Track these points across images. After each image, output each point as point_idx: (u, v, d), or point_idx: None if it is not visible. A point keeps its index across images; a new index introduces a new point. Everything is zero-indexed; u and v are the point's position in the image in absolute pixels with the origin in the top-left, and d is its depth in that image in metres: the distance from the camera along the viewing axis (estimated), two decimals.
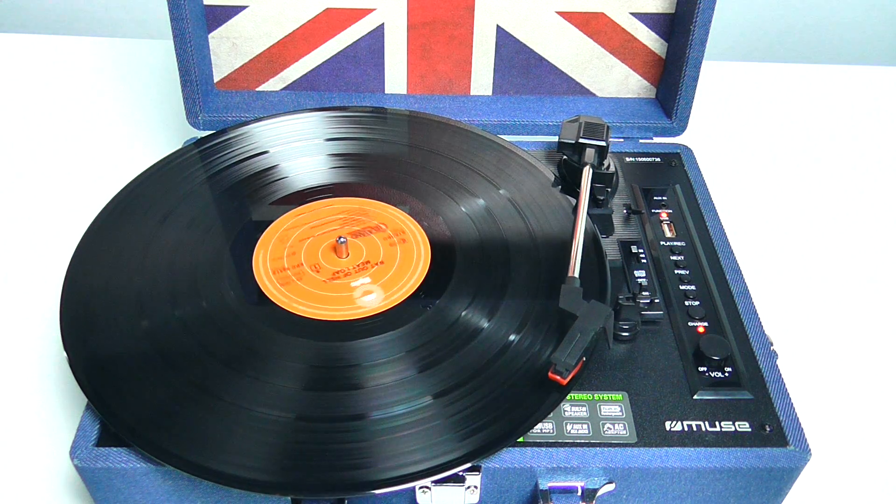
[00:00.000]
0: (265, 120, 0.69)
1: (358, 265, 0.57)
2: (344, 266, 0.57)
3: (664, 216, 0.64)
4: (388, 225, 0.60)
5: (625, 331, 0.54)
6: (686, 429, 0.50)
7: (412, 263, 0.58)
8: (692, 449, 0.49)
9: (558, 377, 0.48)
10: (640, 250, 0.61)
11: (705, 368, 0.53)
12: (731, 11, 1.29)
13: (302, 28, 0.72)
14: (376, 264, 0.57)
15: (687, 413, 0.51)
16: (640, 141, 0.73)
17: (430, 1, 0.71)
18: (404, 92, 0.76)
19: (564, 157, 0.65)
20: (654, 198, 0.66)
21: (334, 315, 0.54)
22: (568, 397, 0.51)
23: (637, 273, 0.59)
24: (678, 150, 0.71)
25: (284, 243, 0.59)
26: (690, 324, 0.56)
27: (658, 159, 0.70)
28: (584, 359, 0.49)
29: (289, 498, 0.47)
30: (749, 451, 0.49)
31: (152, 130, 0.84)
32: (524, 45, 0.74)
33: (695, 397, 0.51)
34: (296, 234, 0.60)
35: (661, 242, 0.62)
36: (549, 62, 0.75)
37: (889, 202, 0.79)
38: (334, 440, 0.47)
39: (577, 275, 0.54)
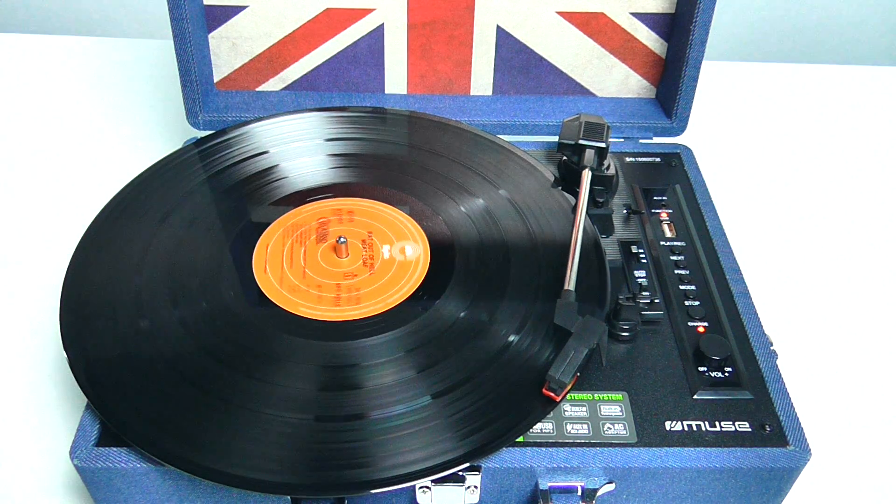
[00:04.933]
0: (265, 120, 0.69)
1: (352, 271, 0.57)
2: (342, 266, 0.57)
3: (664, 216, 0.64)
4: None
5: (625, 331, 0.54)
6: (686, 429, 0.50)
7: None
8: (692, 449, 0.49)
9: (552, 394, 0.49)
10: (640, 250, 0.61)
11: (705, 368, 0.53)
12: (731, 11, 1.29)
13: (302, 28, 0.72)
14: (379, 262, 0.57)
15: (687, 413, 0.51)
16: (640, 141, 0.73)
17: (430, 1, 0.71)
18: (404, 92, 0.76)
19: (564, 157, 0.65)
20: (654, 198, 0.66)
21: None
22: (568, 397, 0.51)
23: (637, 273, 0.59)
24: (678, 150, 0.71)
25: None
26: (690, 324, 0.56)
27: (658, 159, 0.70)
28: (578, 374, 0.49)
29: (289, 498, 0.47)
30: (749, 451, 0.49)
31: (152, 130, 0.84)
32: (524, 45, 0.74)
33: (695, 397, 0.51)
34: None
35: (661, 242, 0.62)
36: (549, 62, 0.75)
37: (889, 202, 0.79)
38: (334, 440, 0.47)
39: (572, 287, 0.54)
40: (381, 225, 0.60)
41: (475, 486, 0.48)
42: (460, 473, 0.47)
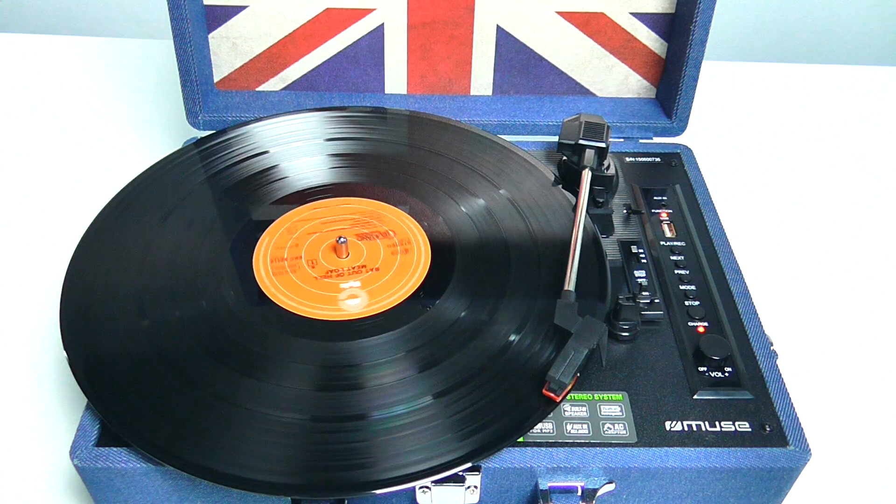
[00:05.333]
0: (265, 120, 0.69)
1: (354, 268, 0.57)
2: (339, 266, 0.57)
3: (664, 216, 0.64)
4: (397, 233, 0.60)
5: (625, 331, 0.54)
6: (686, 429, 0.50)
7: (412, 264, 0.58)
8: (692, 449, 0.49)
9: (552, 394, 0.49)
10: (640, 250, 0.61)
11: (705, 368, 0.53)
12: (731, 11, 1.29)
13: (302, 28, 0.72)
14: (372, 269, 0.57)
15: (687, 413, 0.51)
16: (640, 141, 0.73)
17: (430, 1, 0.71)
18: (404, 92, 0.76)
19: (564, 157, 0.65)
20: (654, 198, 0.66)
21: (334, 315, 0.54)
22: (568, 397, 0.51)
23: (637, 273, 0.59)
24: (678, 150, 0.71)
25: (287, 239, 0.59)
26: (690, 324, 0.56)
27: (658, 159, 0.70)
28: (578, 375, 0.49)
29: (289, 498, 0.47)
30: (749, 451, 0.49)
31: (152, 130, 0.84)
32: (524, 45, 0.74)
33: (695, 397, 0.51)
34: (302, 228, 0.60)
35: (661, 242, 0.62)
36: (549, 62, 0.75)
37: (889, 202, 0.79)
38: (334, 440, 0.47)
39: (573, 288, 0.54)
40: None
41: (475, 487, 0.48)
42: (460, 474, 0.47)
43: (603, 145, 0.63)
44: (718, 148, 0.84)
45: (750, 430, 0.50)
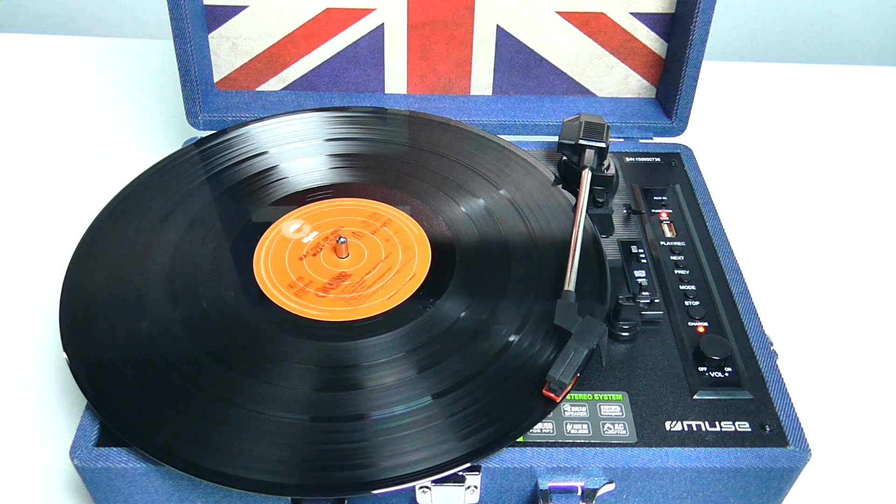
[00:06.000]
0: (265, 120, 0.69)
1: (360, 267, 0.57)
2: (345, 267, 0.57)
3: (664, 216, 0.64)
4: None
5: (625, 331, 0.54)
6: (686, 429, 0.50)
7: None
8: (692, 449, 0.49)
9: (552, 395, 0.49)
10: (640, 250, 0.61)
11: (705, 368, 0.53)
12: (731, 11, 1.29)
13: (302, 28, 0.72)
14: (379, 262, 0.57)
15: (687, 413, 0.51)
16: (640, 141, 0.73)
17: (430, 1, 0.71)
18: (404, 92, 0.76)
19: (564, 157, 0.65)
20: (654, 198, 0.66)
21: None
22: (568, 397, 0.51)
23: (637, 273, 0.59)
24: (678, 150, 0.71)
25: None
26: (690, 324, 0.56)
27: (658, 159, 0.70)
28: (578, 375, 0.49)
29: (289, 498, 0.47)
30: (749, 451, 0.49)
31: (152, 130, 0.84)
32: (524, 45, 0.74)
33: (695, 397, 0.51)
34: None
35: (661, 242, 0.62)
36: (549, 62, 0.75)
37: (889, 202, 0.79)
38: (334, 440, 0.47)
39: (572, 288, 0.54)
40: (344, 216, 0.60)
41: (475, 487, 0.48)
42: (460, 474, 0.47)
43: (603, 145, 0.63)
44: (718, 148, 0.84)
45: (750, 430, 0.50)
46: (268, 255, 0.58)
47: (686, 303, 0.57)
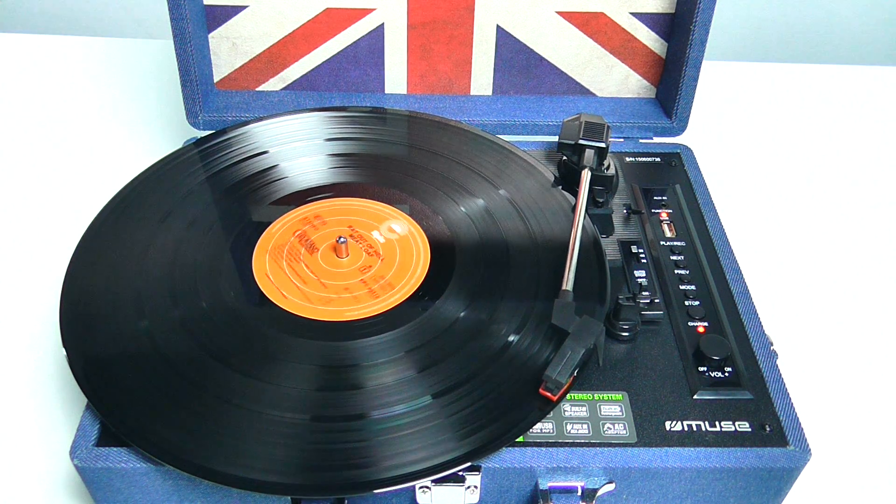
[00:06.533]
0: (265, 120, 0.69)
1: (359, 268, 0.57)
2: (344, 266, 0.57)
3: (664, 216, 0.64)
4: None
5: (625, 331, 0.54)
6: (686, 429, 0.50)
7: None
8: (692, 449, 0.49)
9: (548, 394, 0.48)
10: (640, 250, 0.61)
11: (705, 368, 0.53)
12: (731, 11, 1.29)
13: (302, 28, 0.72)
14: (378, 262, 0.57)
15: (687, 413, 0.51)
16: (640, 141, 0.73)
17: (430, 1, 0.71)
18: (404, 92, 0.76)
19: (564, 157, 0.65)
20: (654, 198, 0.66)
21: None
22: (568, 397, 0.51)
23: (637, 273, 0.59)
24: (678, 150, 0.71)
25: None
26: (690, 324, 0.56)
27: (658, 159, 0.70)
28: (575, 375, 0.49)
29: (289, 498, 0.47)
30: (749, 451, 0.49)
31: (152, 130, 0.84)
32: (524, 45, 0.74)
33: (695, 397, 0.51)
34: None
35: (661, 242, 0.62)
36: (549, 62, 0.75)
37: (889, 202, 0.79)
38: (334, 440, 0.47)
39: (570, 287, 0.53)
40: (357, 216, 0.60)
41: (475, 486, 0.48)
42: (460, 473, 0.47)
43: (603, 145, 0.63)
44: (718, 148, 0.84)
45: (750, 430, 0.50)
46: (268, 254, 0.58)
47: (686, 303, 0.57)
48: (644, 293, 0.57)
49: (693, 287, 0.58)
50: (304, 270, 0.57)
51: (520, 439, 0.48)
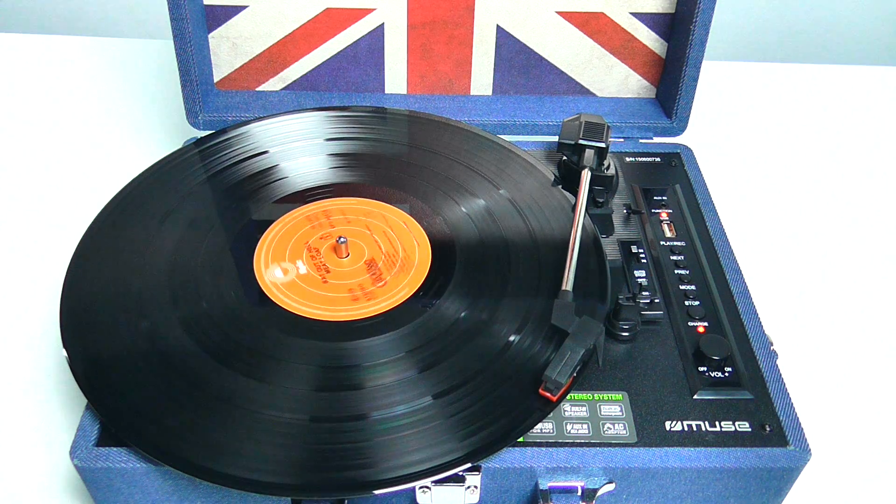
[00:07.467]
0: (265, 120, 0.69)
1: (362, 266, 0.57)
2: (346, 266, 0.57)
3: (664, 216, 0.64)
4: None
5: (625, 331, 0.54)
6: (686, 429, 0.50)
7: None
8: (692, 449, 0.49)
9: (548, 394, 0.48)
10: (640, 250, 0.61)
11: (705, 368, 0.53)
12: (731, 11, 1.29)
13: (302, 28, 0.72)
14: (379, 262, 0.57)
15: (687, 413, 0.51)
16: (640, 141, 0.73)
17: (430, 1, 0.71)
18: (404, 92, 0.76)
19: (564, 157, 0.65)
20: (654, 198, 0.66)
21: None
22: (568, 397, 0.51)
23: (637, 273, 0.59)
24: (678, 150, 0.71)
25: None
26: (690, 324, 0.56)
27: (658, 159, 0.70)
28: (575, 375, 0.49)
29: (289, 498, 0.47)
30: (749, 451, 0.49)
31: (152, 130, 0.84)
32: (524, 45, 0.74)
33: (695, 397, 0.51)
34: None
35: (661, 242, 0.62)
36: (549, 62, 0.75)
37: (889, 202, 0.79)
38: (334, 440, 0.47)
39: (570, 288, 0.53)
40: (357, 216, 0.60)
41: (475, 487, 0.48)
42: (460, 474, 0.47)
43: (603, 145, 0.63)
44: (718, 148, 0.84)
45: (750, 430, 0.50)
46: (268, 254, 0.58)
47: (686, 303, 0.57)
48: (644, 293, 0.57)
49: (693, 287, 0.58)
50: (305, 270, 0.57)
51: (520, 439, 0.48)
